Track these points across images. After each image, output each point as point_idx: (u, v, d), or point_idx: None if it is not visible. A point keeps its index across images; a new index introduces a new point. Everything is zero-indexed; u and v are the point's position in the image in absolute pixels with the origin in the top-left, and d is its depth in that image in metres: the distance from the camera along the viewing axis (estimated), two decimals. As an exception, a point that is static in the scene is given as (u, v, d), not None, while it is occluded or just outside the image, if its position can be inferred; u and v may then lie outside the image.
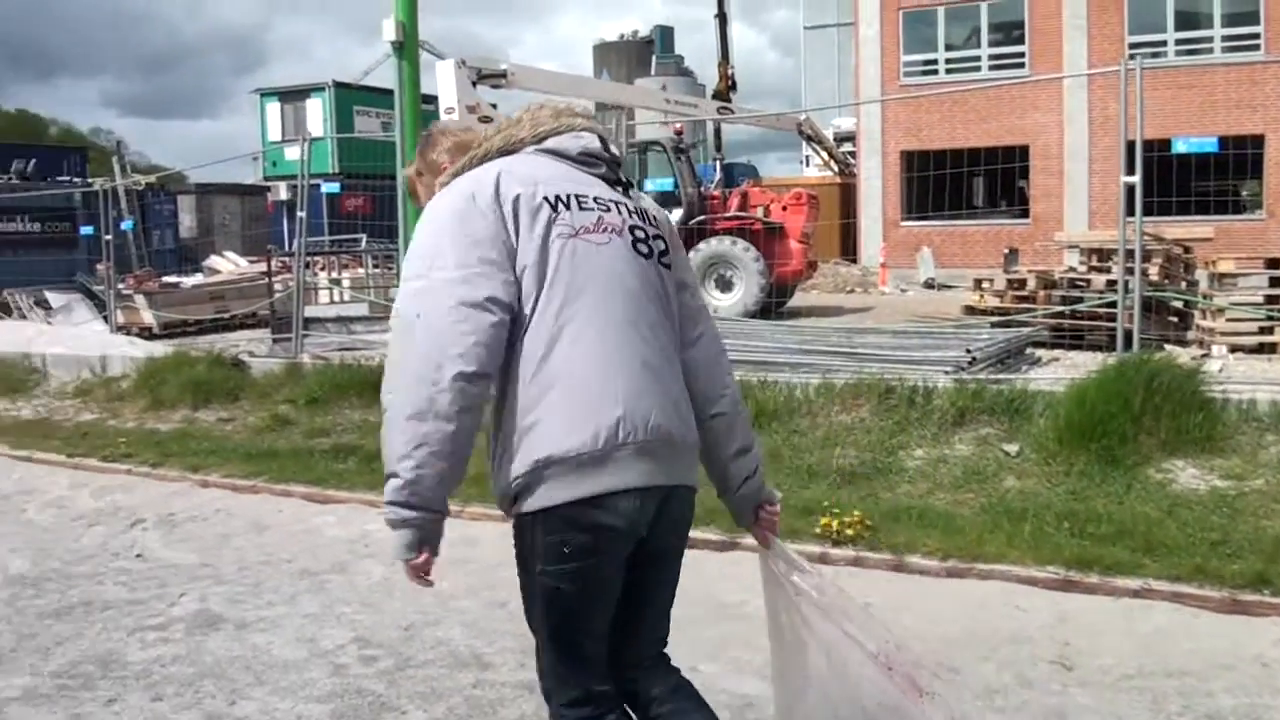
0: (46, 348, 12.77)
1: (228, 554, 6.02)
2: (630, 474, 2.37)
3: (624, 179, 2.65)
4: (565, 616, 2.48)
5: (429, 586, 2.47)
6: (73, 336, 14.30)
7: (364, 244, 18.81)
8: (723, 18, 30.91)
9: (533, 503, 2.36)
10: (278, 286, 14.83)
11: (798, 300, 18.32)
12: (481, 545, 5.68)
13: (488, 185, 2.44)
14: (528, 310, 2.38)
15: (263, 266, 18.22)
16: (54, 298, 18.15)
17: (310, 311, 13.76)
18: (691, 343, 2.64)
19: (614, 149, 2.66)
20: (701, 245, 16.30)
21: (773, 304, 15.42)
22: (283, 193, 31.75)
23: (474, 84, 18.20)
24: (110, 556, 6.07)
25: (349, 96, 31.07)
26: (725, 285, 16.23)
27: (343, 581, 5.46)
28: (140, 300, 17.15)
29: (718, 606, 4.87)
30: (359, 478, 6.17)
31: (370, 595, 5.18)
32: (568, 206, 2.46)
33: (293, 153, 22.09)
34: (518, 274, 2.39)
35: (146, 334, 15.67)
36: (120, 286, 16.81)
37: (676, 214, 16.77)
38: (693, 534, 5.59)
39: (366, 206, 18.72)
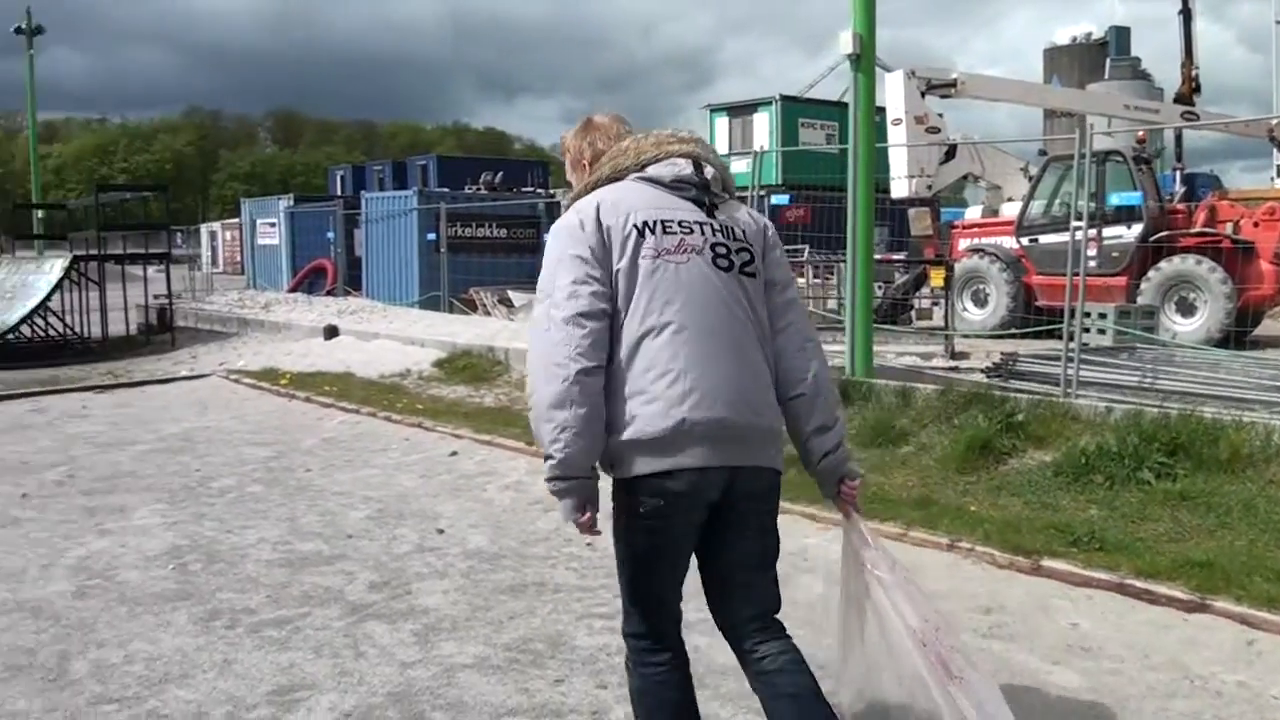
0: (509, 342, 13.78)
1: (671, 553, 6.11)
2: (694, 455, 2.90)
3: (710, 200, 3.12)
4: (638, 566, 3.10)
5: (597, 536, 3.08)
6: (532, 333, 15.32)
7: (805, 255, 18.81)
8: (1187, 14, 28.53)
9: (623, 471, 2.96)
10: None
11: (1265, 329, 16.56)
12: (921, 572, 5.44)
13: (590, 216, 3.00)
14: (622, 318, 2.94)
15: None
16: (516, 297, 19.53)
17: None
18: (779, 332, 3.14)
19: (708, 172, 3.15)
20: (1162, 264, 15.00)
21: (1245, 332, 13.95)
22: (731, 204, 32.66)
23: (922, 94, 17.90)
24: (563, 541, 6.35)
25: (794, 110, 31.26)
26: (1187, 309, 14.83)
27: (783, 595, 5.37)
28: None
29: (1184, 677, 4.42)
30: (801, 490, 5.97)
31: (810, 613, 4.98)
32: (653, 231, 2.99)
33: (739, 165, 22.72)
34: (613, 287, 2.95)
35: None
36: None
37: (1135, 229, 15.61)
38: (1157, 589, 5.18)
39: (806, 217, 18.68)
